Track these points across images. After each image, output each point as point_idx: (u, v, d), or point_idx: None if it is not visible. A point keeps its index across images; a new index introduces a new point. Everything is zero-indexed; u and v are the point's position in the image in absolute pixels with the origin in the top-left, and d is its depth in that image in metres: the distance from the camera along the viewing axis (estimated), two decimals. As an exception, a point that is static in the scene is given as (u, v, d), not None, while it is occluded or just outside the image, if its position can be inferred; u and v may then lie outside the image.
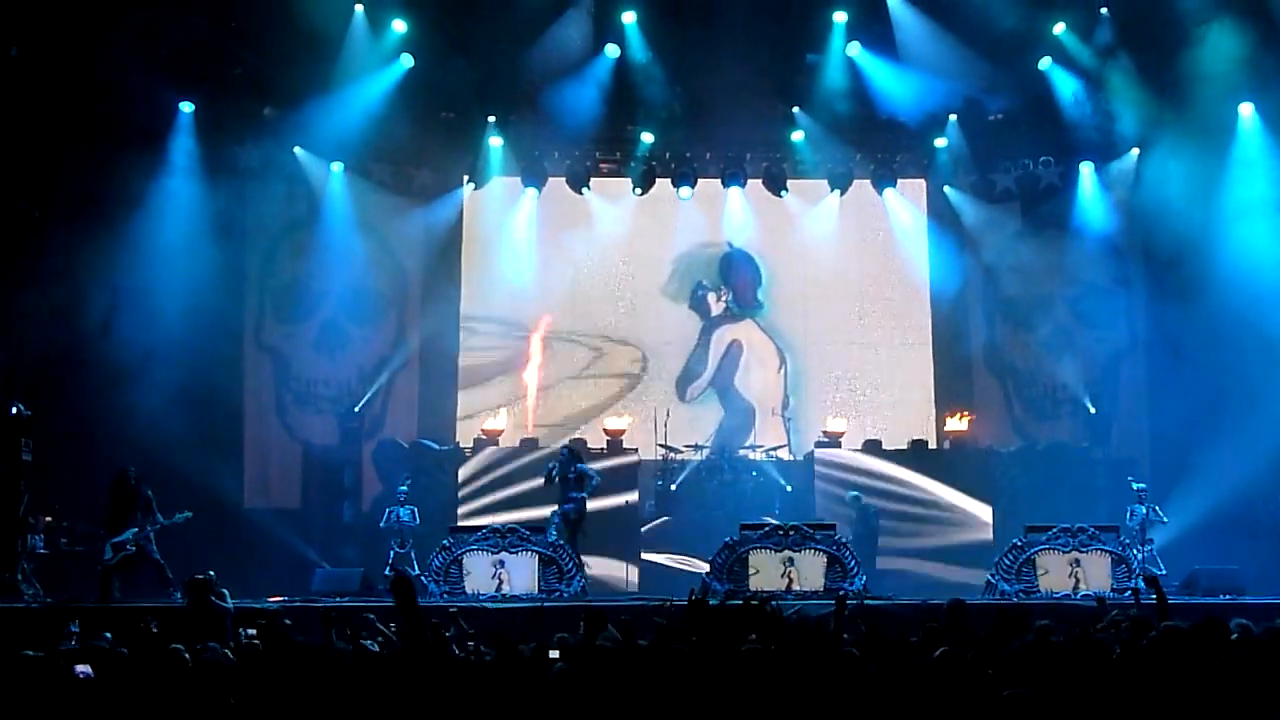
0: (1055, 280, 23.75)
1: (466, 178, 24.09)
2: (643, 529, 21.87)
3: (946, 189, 24.22)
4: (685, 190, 24.15)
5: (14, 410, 17.58)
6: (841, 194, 24.26)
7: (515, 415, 23.87)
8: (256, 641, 10.22)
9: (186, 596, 15.72)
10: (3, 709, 6.70)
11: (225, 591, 16.00)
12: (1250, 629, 8.51)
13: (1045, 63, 21.53)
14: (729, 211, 24.59)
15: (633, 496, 21.52)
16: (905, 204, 24.65)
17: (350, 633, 7.51)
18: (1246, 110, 20.99)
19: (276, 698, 6.80)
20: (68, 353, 18.77)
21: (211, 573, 16.39)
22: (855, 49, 21.73)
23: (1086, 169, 23.10)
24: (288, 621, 13.74)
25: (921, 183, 24.72)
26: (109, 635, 11.66)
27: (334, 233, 22.96)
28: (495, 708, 6.34)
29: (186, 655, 7.80)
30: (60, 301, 18.58)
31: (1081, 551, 18.24)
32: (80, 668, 7.62)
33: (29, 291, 18.51)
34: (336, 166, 22.86)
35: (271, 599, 17.42)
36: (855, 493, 20.90)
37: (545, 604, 16.69)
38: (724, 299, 24.95)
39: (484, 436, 22.58)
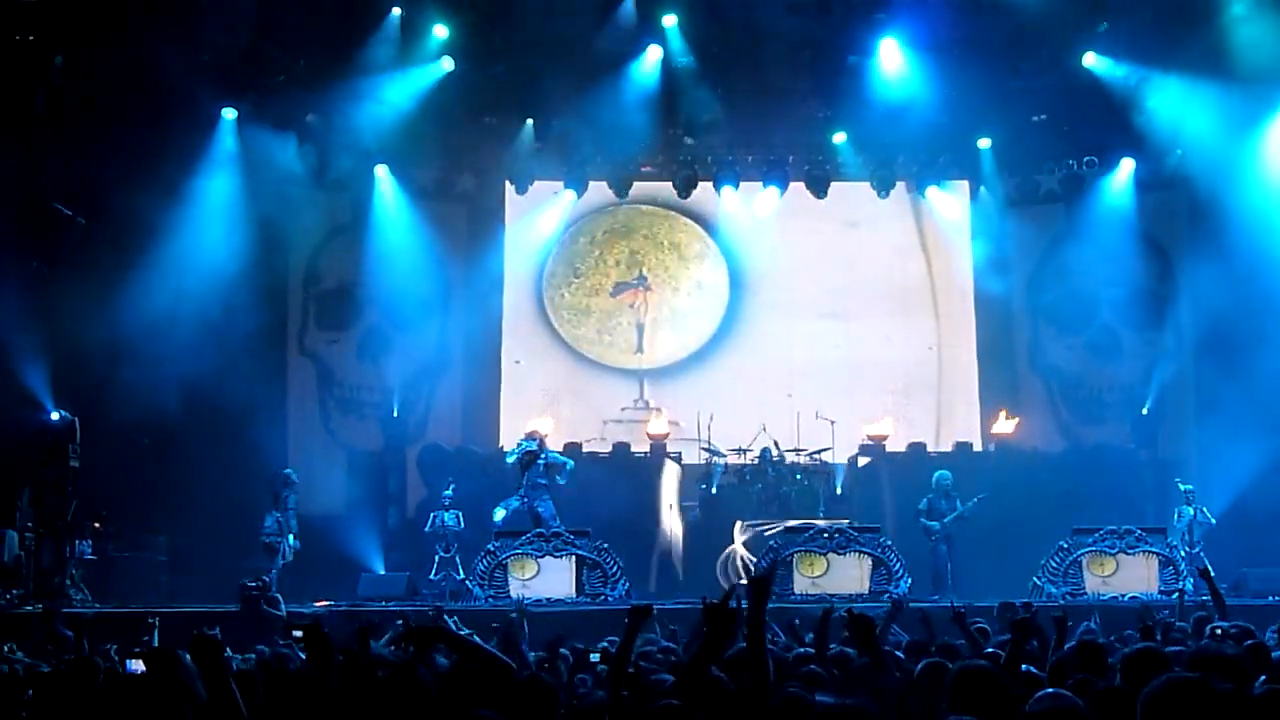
0: (1100, 281, 23.66)
1: (508, 181, 24.15)
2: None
3: (990, 190, 24.14)
4: (728, 191, 24.21)
5: (59, 416, 17.77)
6: (884, 195, 24.24)
7: (559, 417, 23.89)
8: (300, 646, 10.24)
9: (240, 603, 15.92)
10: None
11: (279, 598, 16.20)
12: None
13: (1089, 60, 21.44)
14: (764, 214, 24.62)
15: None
16: (948, 206, 24.59)
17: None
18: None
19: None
20: (113, 359, 18.91)
21: (265, 578, 16.64)
22: (896, 50, 21.67)
23: (1130, 168, 22.98)
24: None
25: (964, 184, 24.62)
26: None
27: (377, 238, 23.10)
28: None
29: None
30: (105, 308, 18.71)
31: (1128, 553, 18.22)
32: (132, 664, 7.64)
33: (75, 298, 18.67)
34: (381, 170, 22.96)
35: (317, 604, 17.58)
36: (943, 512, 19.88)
37: (591, 607, 16.78)
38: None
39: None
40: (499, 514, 19.51)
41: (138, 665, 7.14)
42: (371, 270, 23.22)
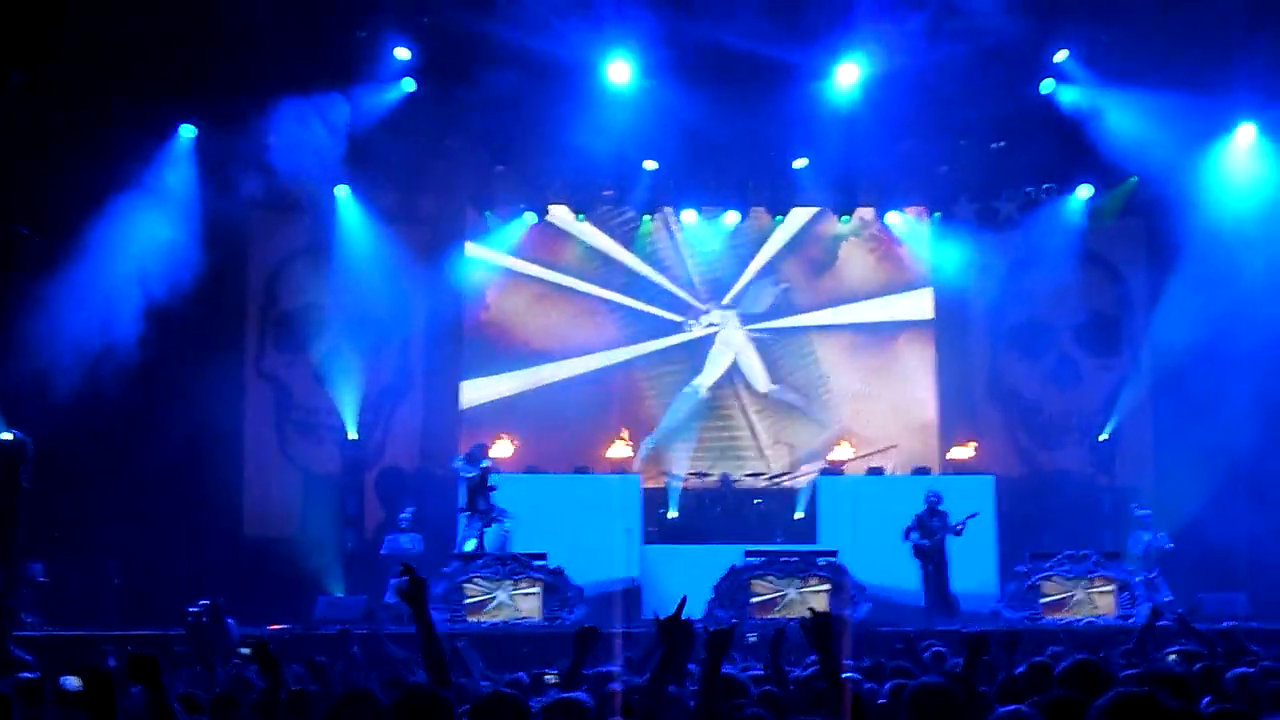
0: (1059, 307, 23.79)
1: (469, 205, 24.12)
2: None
3: (948, 216, 24.22)
4: (689, 215, 24.26)
5: (10, 436, 17.59)
6: (845, 220, 24.34)
7: (519, 443, 23.81)
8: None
9: (185, 629, 15.78)
10: None
11: (231, 623, 16.07)
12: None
13: (1048, 86, 21.58)
14: (724, 239, 24.63)
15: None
16: (907, 231, 24.66)
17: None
18: (1248, 132, 21.05)
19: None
20: (64, 379, 18.76)
21: (221, 599, 16.52)
22: (856, 75, 21.74)
23: (1087, 194, 23.12)
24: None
25: (923, 210, 24.69)
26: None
27: (337, 260, 23.01)
28: None
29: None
30: (57, 327, 18.57)
31: (1086, 578, 18.28)
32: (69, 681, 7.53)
33: (25, 315, 18.52)
34: (341, 191, 22.87)
35: (272, 627, 17.45)
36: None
37: (549, 630, 16.74)
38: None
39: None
40: (470, 544, 19.44)
41: (72, 681, 7.04)
42: (331, 292, 23.09)
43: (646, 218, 24.55)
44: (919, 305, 24.93)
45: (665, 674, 6.15)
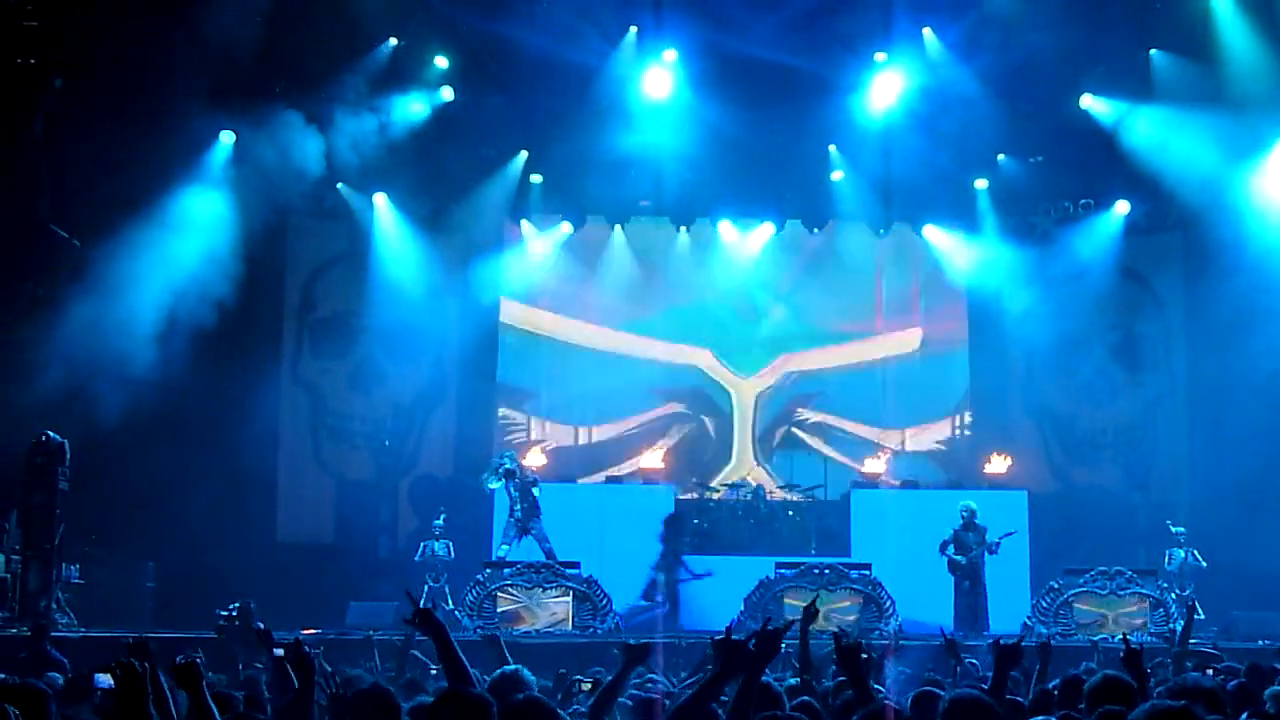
0: (1095, 323, 23.69)
1: (506, 214, 24.16)
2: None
3: (986, 230, 24.13)
4: (725, 225, 24.33)
5: (48, 438, 17.70)
6: (882, 234, 24.35)
7: (553, 452, 23.86)
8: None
9: (217, 632, 15.78)
10: None
11: (260, 625, 16.05)
12: None
13: (1086, 102, 21.51)
14: (760, 252, 24.67)
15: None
16: (944, 245, 24.59)
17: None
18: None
19: None
20: (105, 383, 18.88)
21: (252, 603, 16.52)
22: (894, 88, 21.72)
23: (1124, 209, 23.06)
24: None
25: (961, 225, 24.58)
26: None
27: (374, 267, 23.09)
28: None
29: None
30: (98, 331, 18.68)
31: (1119, 595, 18.18)
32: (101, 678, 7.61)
33: (68, 320, 18.64)
34: (379, 199, 22.96)
35: (305, 631, 17.48)
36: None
37: (580, 639, 16.76)
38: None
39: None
40: (503, 550, 19.47)
41: (105, 679, 7.13)
42: (367, 299, 23.20)
43: (682, 229, 24.51)
44: (954, 319, 24.92)
45: (711, 691, 6.09)
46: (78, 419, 18.45)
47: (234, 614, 15.40)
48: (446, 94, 21.74)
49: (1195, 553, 19.28)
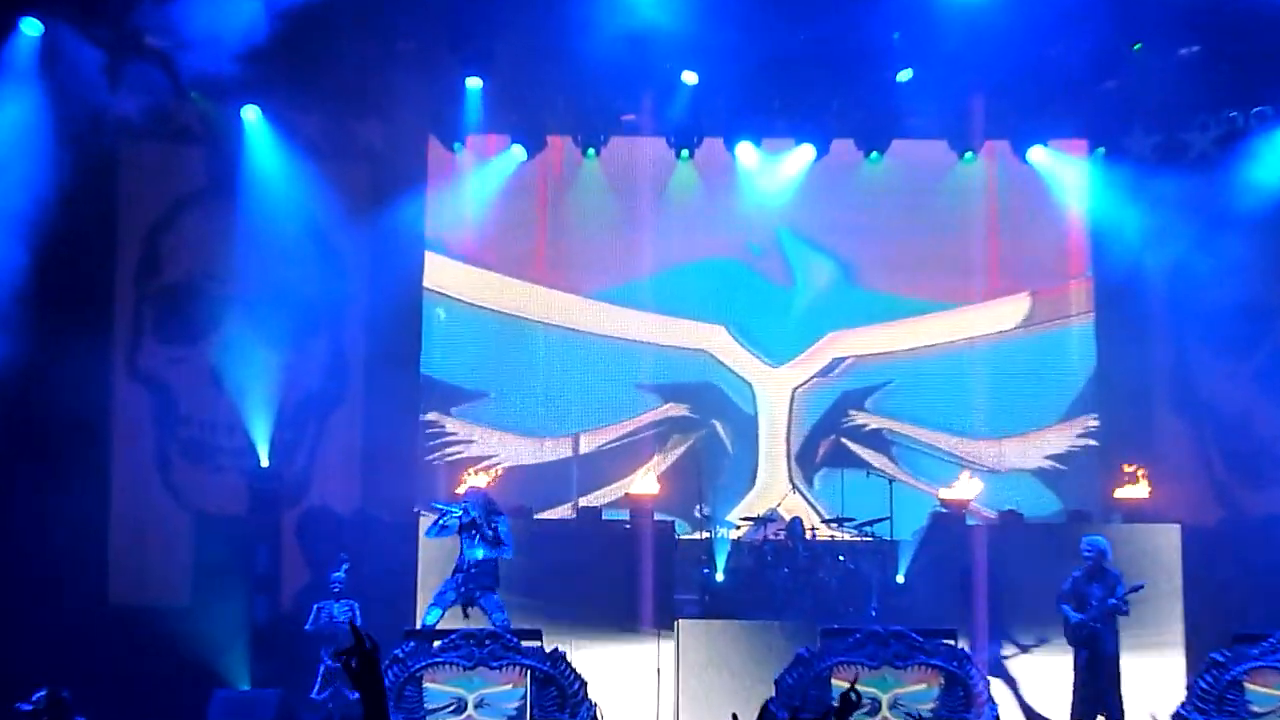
0: (1275, 283, 23.63)
1: (432, 135, 24.14)
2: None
3: (1118, 152, 24.11)
4: (746, 148, 24.26)
5: None
6: (968, 160, 24.36)
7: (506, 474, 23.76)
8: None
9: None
10: None
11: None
12: None
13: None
14: (795, 185, 24.66)
15: None
16: (1058, 173, 24.58)
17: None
18: None
19: None
20: None
21: (65, 692, 16.36)
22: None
23: (1317, 122, 23.04)
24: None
25: (1082, 144, 24.63)
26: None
27: (243, 212, 22.98)
28: None
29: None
30: None
31: (1312, 670, 18.11)
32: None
33: None
34: (250, 114, 22.87)
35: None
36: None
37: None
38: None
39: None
40: (433, 615, 19.36)
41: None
42: (234, 258, 23.08)
43: (684, 154, 24.37)
44: (1071, 275, 25.07)
45: None
46: None
47: (39, 707, 15.29)
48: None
49: None
